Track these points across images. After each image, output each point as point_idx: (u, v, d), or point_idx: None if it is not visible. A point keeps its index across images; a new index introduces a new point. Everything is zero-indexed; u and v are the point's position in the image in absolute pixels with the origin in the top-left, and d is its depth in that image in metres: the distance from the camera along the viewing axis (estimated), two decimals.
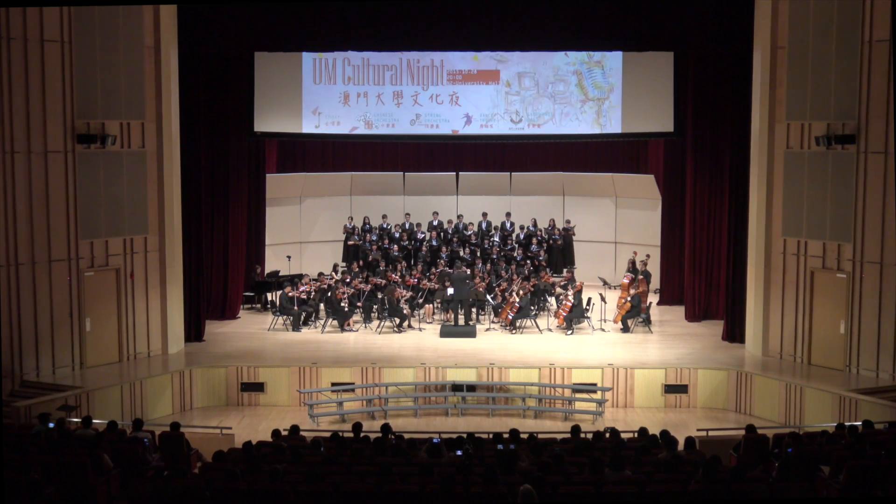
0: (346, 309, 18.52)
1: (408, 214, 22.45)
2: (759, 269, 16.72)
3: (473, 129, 20.20)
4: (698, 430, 13.92)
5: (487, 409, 15.61)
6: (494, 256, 20.89)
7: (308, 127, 20.17)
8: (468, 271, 19.25)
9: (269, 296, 20.32)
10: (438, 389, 15.94)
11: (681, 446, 11.33)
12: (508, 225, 22.26)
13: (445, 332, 18.14)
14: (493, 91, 20.05)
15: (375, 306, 19.15)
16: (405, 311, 18.62)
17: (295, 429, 11.94)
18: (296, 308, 18.59)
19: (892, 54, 14.60)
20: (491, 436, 11.72)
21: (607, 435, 11.95)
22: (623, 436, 11.96)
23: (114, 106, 15.98)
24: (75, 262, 15.79)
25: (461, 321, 18.48)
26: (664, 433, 11.29)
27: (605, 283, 19.97)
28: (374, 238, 21.76)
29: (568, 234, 22.12)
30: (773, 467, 10.59)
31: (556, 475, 9.64)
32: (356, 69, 20.03)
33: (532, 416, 15.49)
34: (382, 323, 18.55)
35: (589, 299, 18.91)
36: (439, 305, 19.52)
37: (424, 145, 23.50)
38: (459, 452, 10.58)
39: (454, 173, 23.34)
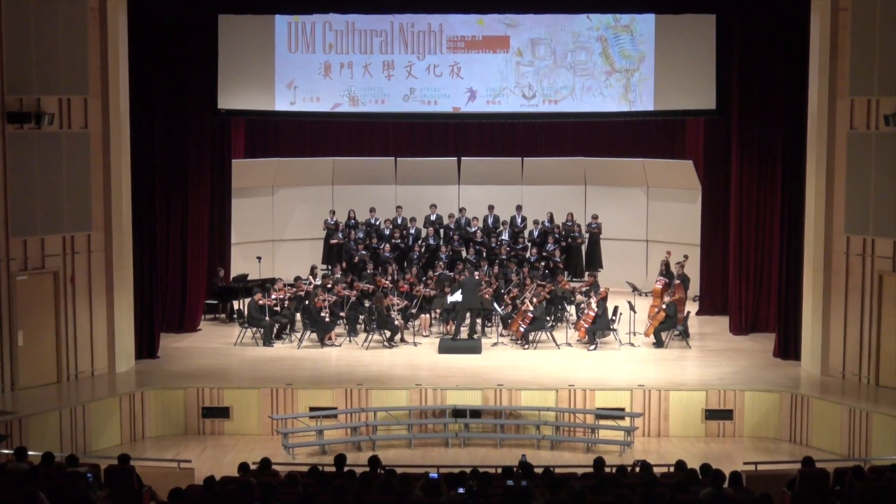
0: (328, 320, 18.55)
1: (400, 208, 22.47)
2: (817, 273, 16.73)
3: (478, 107, 20.21)
4: (745, 463, 13.92)
5: (495, 439, 15.62)
6: (503, 257, 20.92)
7: (282, 104, 20.18)
8: (477, 275, 19.27)
9: (235, 304, 20.33)
10: (437, 415, 15.95)
11: (725, 483, 11.35)
12: (520, 220, 22.29)
13: (445, 348, 18.18)
14: (502, 61, 20.08)
15: (362, 316, 19.17)
16: (397, 323, 18.65)
17: (266, 462, 11.96)
18: (267, 319, 18.62)
19: None
20: (499, 470, 11.77)
21: (637, 469, 11.96)
22: (656, 470, 11.97)
23: (51, 79, 15.99)
24: (5, 263, 15.79)
25: (463, 334, 18.50)
26: (705, 467, 11.32)
27: (634, 288, 19.96)
28: (361, 236, 21.78)
29: (591, 230, 22.14)
30: None
31: None
32: (339, 35, 20.04)
33: (548, 447, 15.50)
34: (370, 336, 18.57)
35: (615, 308, 18.93)
36: (438, 315, 19.55)
37: (420, 125, 23.50)
38: (462, 490, 10.59)
39: (455, 159, 23.36)
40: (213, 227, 20.38)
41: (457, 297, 18.51)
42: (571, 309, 19.87)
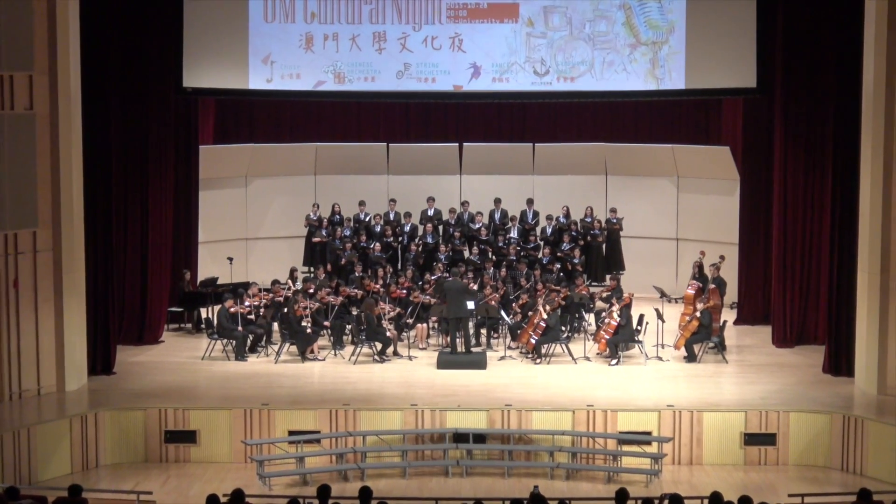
0: (309, 330, 18.51)
1: (393, 201, 22.45)
2: (873, 277, 16.69)
3: (483, 85, 20.20)
4: (790, 495, 13.90)
5: (502, 467, 15.59)
6: (512, 258, 20.87)
7: (257, 81, 20.20)
8: (470, 277, 19.17)
9: (203, 312, 20.32)
10: (435, 440, 15.92)
11: None
12: (531, 215, 22.26)
13: (444, 362, 18.14)
14: (510, 32, 20.08)
15: (349, 326, 19.14)
16: (389, 334, 18.60)
17: (239, 494, 11.91)
18: (240, 329, 18.59)
19: None
20: (507, 503, 11.62)
21: (665, 502, 11.89)
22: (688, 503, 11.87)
23: None
24: None
25: (460, 346, 18.45)
26: (744, 500, 11.26)
27: (662, 294, 19.94)
28: (348, 233, 21.75)
29: (612, 227, 22.10)
30: None
31: None
32: (322, 3, 20.07)
33: (563, 477, 15.46)
34: (359, 349, 18.51)
35: (641, 317, 18.90)
36: (436, 325, 19.41)
37: (416, 106, 23.51)
38: None
39: (456, 145, 23.36)
40: (178, 224, 20.37)
41: (470, 305, 18.43)
42: (590, 317, 19.88)
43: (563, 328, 18.95)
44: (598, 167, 23.11)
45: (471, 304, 18.44)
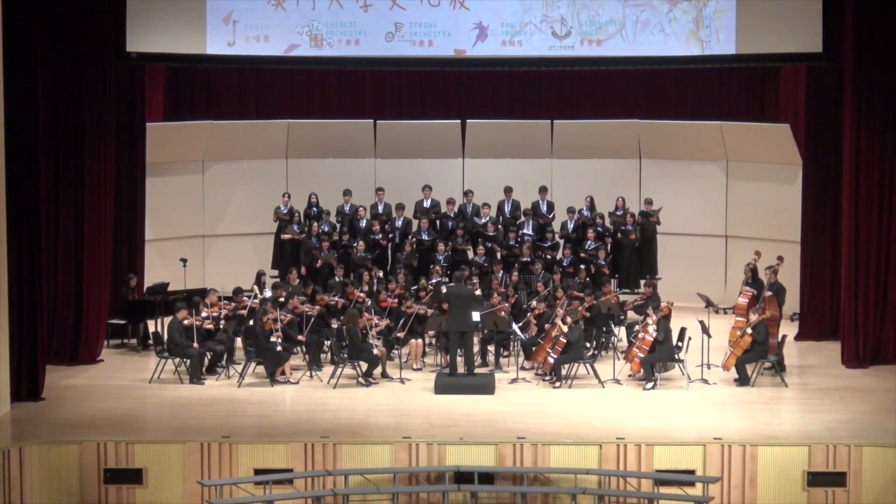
0: (280, 347, 18.53)
1: (381, 190, 22.50)
2: None
3: (490, 49, 20.23)
4: None
5: None
6: (525, 259, 20.92)
7: (216, 45, 20.22)
8: (475, 282, 19.20)
9: (150, 325, 20.32)
10: (433, 480, 15.93)
11: None
12: (547, 208, 22.27)
13: (443, 386, 18.18)
14: None
15: (328, 342, 19.14)
16: (377, 351, 18.64)
17: None
18: (195, 345, 18.62)
19: None
20: None
21: None
22: None
23: None
24: None
25: (462, 366, 18.46)
26: None
27: (708, 303, 19.99)
28: (326, 229, 21.79)
29: (648, 222, 22.12)
30: None
31: None
32: None
33: None
34: (340, 370, 18.56)
35: (682, 331, 18.95)
36: (434, 341, 19.48)
37: (409, 75, 23.54)
38: None
39: (458, 122, 23.39)
40: (121, 219, 20.43)
41: (475, 316, 18.49)
42: (621, 332, 19.86)
43: (588, 345, 18.99)
44: (630, 149, 23.17)
45: (476, 316, 18.48)
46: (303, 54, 20.33)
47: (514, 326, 19.02)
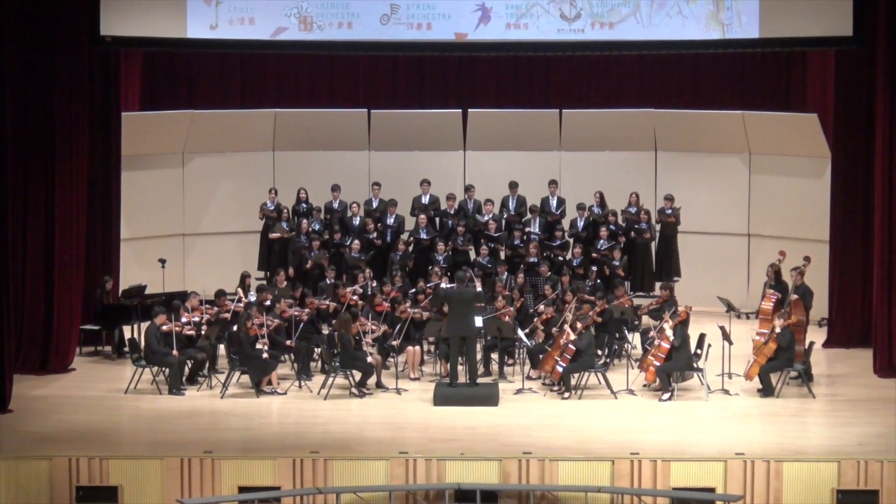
0: (266, 355, 18.51)
1: (376, 185, 22.46)
2: None
3: (494, 33, 20.26)
4: None
5: None
6: (532, 260, 20.89)
7: (197, 28, 20.24)
8: (477, 284, 19.15)
9: (126, 331, 20.31)
10: (432, 499, 15.93)
11: None
12: (555, 204, 22.22)
13: (443, 397, 18.18)
14: None
15: (318, 350, 19.09)
16: (371, 359, 18.63)
17: None
18: (175, 353, 18.58)
19: None
20: None
21: None
22: None
23: None
24: None
25: (463, 375, 18.44)
26: None
27: (729, 307, 20.01)
28: (317, 227, 21.73)
29: (665, 220, 22.08)
30: None
31: None
32: None
33: None
34: (331, 379, 18.53)
35: (701, 337, 18.92)
36: (433, 348, 19.42)
37: (406, 61, 23.56)
38: None
39: (458, 111, 23.38)
40: (94, 216, 20.45)
41: (477, 321, 18.46)
42: (635, 338, 19.84)
43: (599, 353, 18.96)
44: (644, 141, 23.17)
45: (478, 321, 18.45)
46: (291, 38, 20.33)
47: (520, 333, 19.05)
